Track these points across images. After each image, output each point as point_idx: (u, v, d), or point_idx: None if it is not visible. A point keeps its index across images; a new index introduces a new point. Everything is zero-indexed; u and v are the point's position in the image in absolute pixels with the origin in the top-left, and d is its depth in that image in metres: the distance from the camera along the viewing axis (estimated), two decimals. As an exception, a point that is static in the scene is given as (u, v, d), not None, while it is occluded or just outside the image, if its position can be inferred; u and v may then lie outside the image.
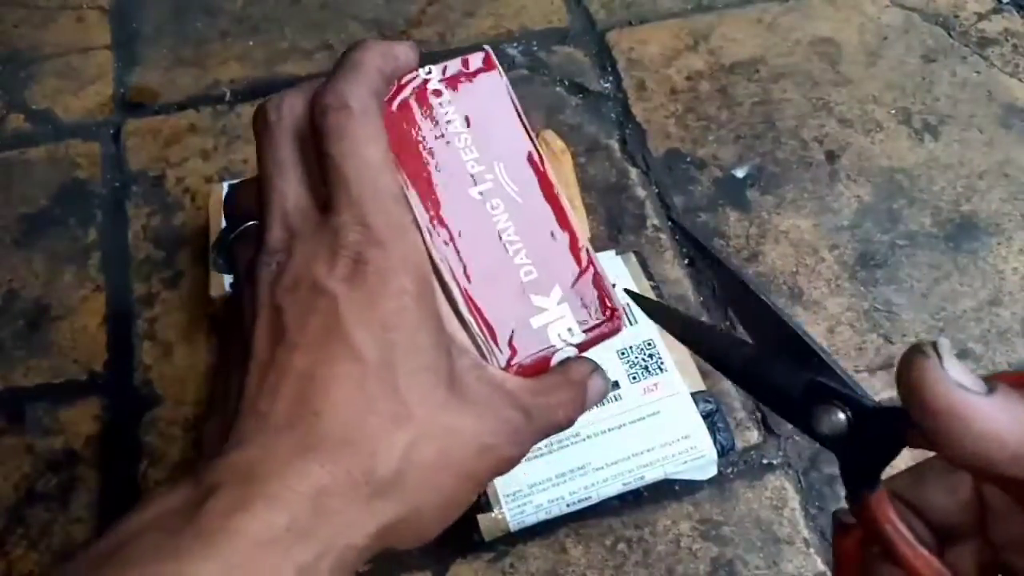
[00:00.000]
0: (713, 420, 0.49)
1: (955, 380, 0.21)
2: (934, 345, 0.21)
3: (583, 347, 0.30)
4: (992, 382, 0.21)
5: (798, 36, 0.72)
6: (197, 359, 0.56)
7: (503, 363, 0.28)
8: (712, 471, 0.50)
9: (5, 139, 0.66)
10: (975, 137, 0.67)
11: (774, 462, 0.52)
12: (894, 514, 0.24)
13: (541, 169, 0.30)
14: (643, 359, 0.51)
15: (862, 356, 0.56)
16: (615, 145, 0.66)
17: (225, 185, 0.58)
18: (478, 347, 0.28)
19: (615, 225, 0.61)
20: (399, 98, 0.30)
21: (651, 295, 0.54)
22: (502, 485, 0.47)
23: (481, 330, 0.28)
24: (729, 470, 0.51)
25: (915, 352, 0.21)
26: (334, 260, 0.25)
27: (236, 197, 0.30)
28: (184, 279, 0.59)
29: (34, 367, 0.56)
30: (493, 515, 0.46)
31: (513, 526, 0.47)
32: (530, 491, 0.47)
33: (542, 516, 0.47)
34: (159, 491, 0.24)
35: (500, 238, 0.29)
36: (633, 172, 0.64)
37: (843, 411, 0.24)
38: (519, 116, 0.30)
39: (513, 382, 0.28)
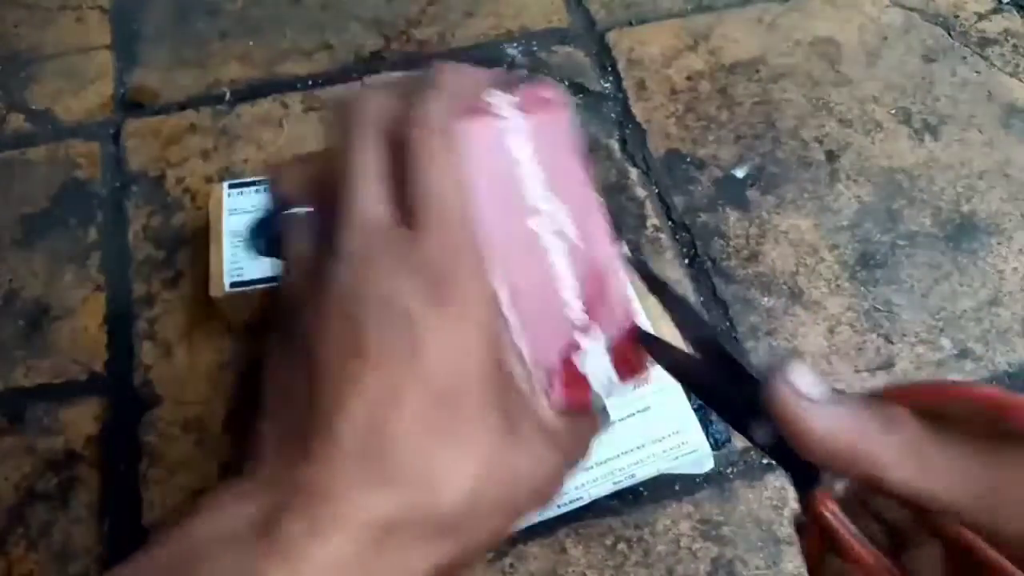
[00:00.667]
0: (705, 413, 0.49)
1: (801, 391, 0.24)
2: (791, 362, 0.24)
3: (616, 394, 0.30)
4: (844, 396, 0.24)
5: (798, 36, 0.72)
6: (197, 359, 0.56)
7: (546, 402, 0.28)
8: (708, 465, 0.49)
9: (5, 139, 0.67)
10: (975, 137, 0.67)
11: (774, 462, 0.52)
12: (835, 507, 0.25)
13: (600, 215, 0.30)
14: None
15: (862, 356, 0.56)
16: (615, 145, 0.66)
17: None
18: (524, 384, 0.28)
19: (615, 225, 0.61)
20: (469, 120, 0.28)
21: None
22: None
23: (528, 367, 0.27)
24: (729, 470, 0.51)
25: (773, 368, 0.25)
26: (417, 280, 0.24)
27: (282, 179, 0.29)
28: (184, 279, 0.59)
29: (34, 367, 0.56)
30: None
31: None
32: None
33: (534, 519, 0.47)
34: (226, 494, 0.23)
35: (554, 276, 0.28)
36: (633, 172, 0.64)
37: (771, 422, 0.26)
38: (579, 156, 0.30)
39: (553, 423, 0.27)
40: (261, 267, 0.54)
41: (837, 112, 0.68)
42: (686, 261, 0.60)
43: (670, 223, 0.62)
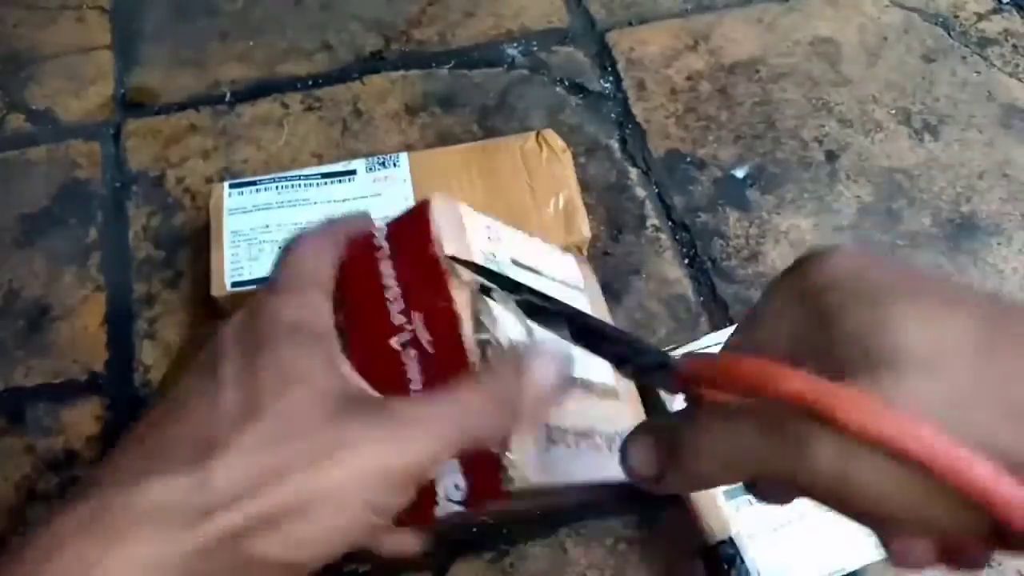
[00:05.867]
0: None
1: (643, 476, 0.27)
2: (624, 453, 0.28)
3: (469, 505, 0.30)
4: (665, 444, 0.27)
5: (798, 36, 0.72)
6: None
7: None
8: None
9: (5, 139, 0.67)
10: (975, 137, 0.67)
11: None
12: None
13: (455, 324, 0.30)
14: None
15: (862, 356, 0.56)
16: (615, 145, 0.66)
17: (228, 189, 0.58)
18: None
19: (615, 225, 0.61)
20: (354, 255, 0.32)
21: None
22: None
23: None
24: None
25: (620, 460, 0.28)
26: (241, 312, 0.30)
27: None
28: (184, 279, 0.59)
29: (34, 367, 0.56)
30: None
31: None
32: None
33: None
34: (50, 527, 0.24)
35: (408, 388, 0.30)
36: (633, 172, 0.64)
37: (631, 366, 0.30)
38: (442, 262, 0.31)
39: (414, 403, 0.29)
40: (262, 267, 0.54)
41: (837, 112, 0.68)
42: (686, 261, 0.60)
43: (670, 223, 0.62)
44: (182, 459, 0.24)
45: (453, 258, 0.31)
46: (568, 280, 0.44)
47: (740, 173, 0.64)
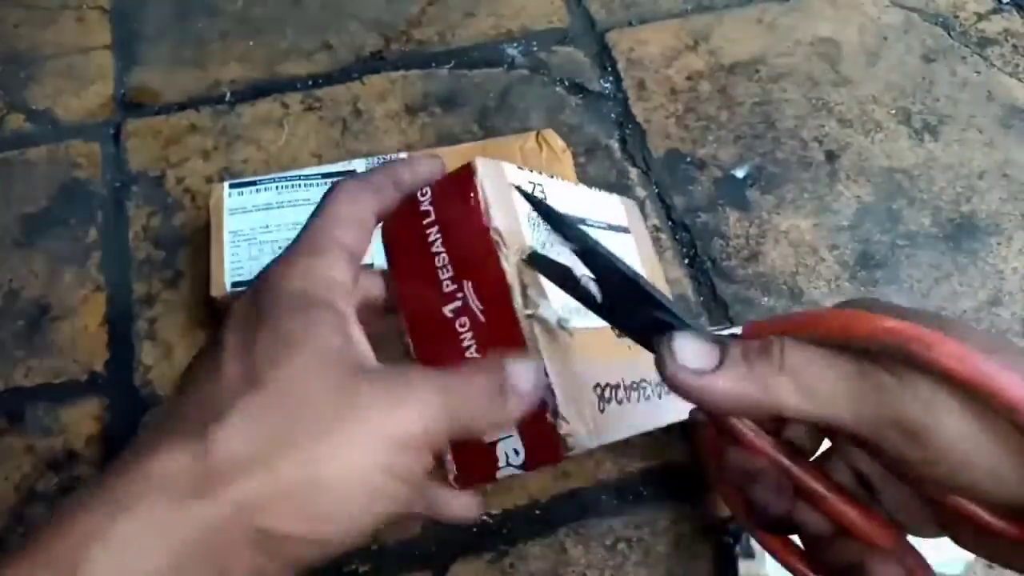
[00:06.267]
0: None
1: (690, 367, 0.26)
2: (669, 342, 0.26)
3: (528, 468, 0.31)
4: (727, 349, 0.26)
5: (798, 36, 0.72)
6: (197, 359, 0.56)
7: (453, 472, 0.31)
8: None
9: (5, 139, 0.66)
10: (975, 137, 0.67)
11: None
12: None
13: (506, 295, 0.30)
14: None
15: (862, 356, 0.56)
16: (615, 145, 0.66)
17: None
18: None
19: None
20: (401, 219, 0.32)
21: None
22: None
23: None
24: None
25: (657, 353, 0.27)
26: (258, 281, 0.29)
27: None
28: (184, 279, 0.59)
29: (34, 367, 0.56)
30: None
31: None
32: None
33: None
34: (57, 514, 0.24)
35: (464, 356, 0.31)
36: (633, 172, 0.64)
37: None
38: (492, 234, 0.31)
39: (419, 370, 0.29)
40: (263, 267, 0.54)
41: (837, 112, 0.68)
42: (686, 261, 0.60)
43: (670, 223, 0.62)
44: (185, 430, 0.24)
45: (521, 191, 0.32)
46: (614, 223, 0.44)
47: (740, 173, 0.64)
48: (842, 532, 0.28)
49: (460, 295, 0.30)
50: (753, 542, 0.46)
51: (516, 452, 0.30)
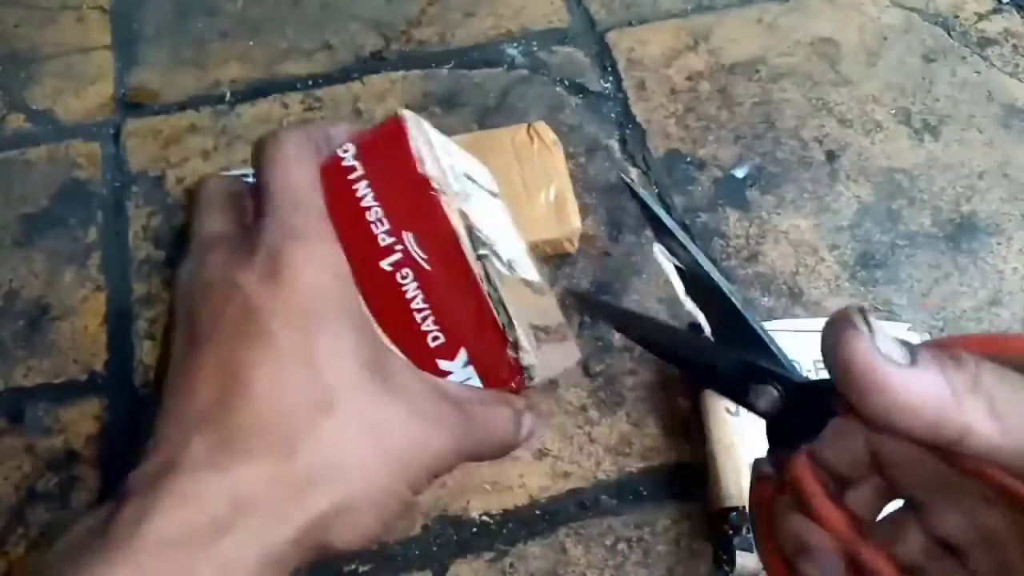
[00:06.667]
0: None
1: (883, 353, 0.22)
2: (864, 316, 0.22)
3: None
4: (917, 350, 0.22)
5: (798, 36, 0.72)
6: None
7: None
8: None
9: (5, 139, 0.66)
10: (975, 137, 0.67)
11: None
12: (812, 474, 0.26)
13: (454, 240, 0.30)
14: None
15: (862, 356, 0.56)
16: (615, 145, 0.66)
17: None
18: None
19: (615, 225, 0.61)
20: (326, 177, 0.31)
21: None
22: None
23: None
24: (729, 470, 0.51)
25: (845, 324, 0.22)
26: (250, 258, 0.25)
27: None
28: (184, 279, 0.59)
29: (34, 367, 0.56)
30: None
31: None
32: None
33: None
34: (79, 516, 0.23)
35: (409, 307, 0.30)
36: (633, 172, 0.64)
37: (775, 388, 0.27)
38: (432, 182, 0.31)
39: (453, 386, 0.28)
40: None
41: (837, 112, 0.68)
42: (686, 261, 0.60)
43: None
44: (263, 448, 0.24)
45: (632, 190, 0.31)
46: (493, 189, 0.45)
47: (740, 173, 0.64)
48: None
49: (399, 247, 0.30)
50: (752, 536, 0.46)
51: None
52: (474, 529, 0.49)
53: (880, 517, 0.26)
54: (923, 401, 0.21)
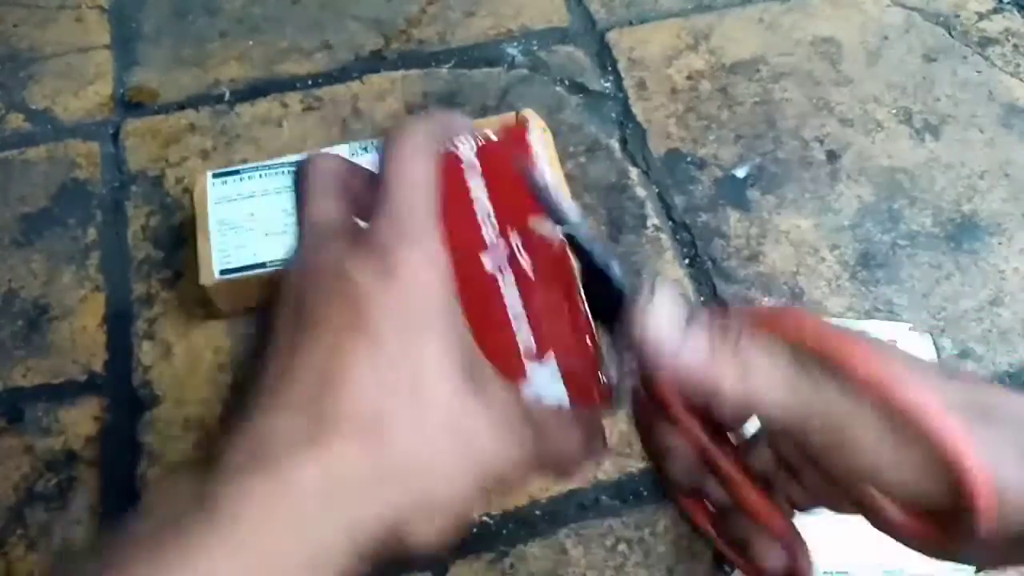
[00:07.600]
0: None
1: (663, 319, 0.27)
2: (649, 296, 0.28)
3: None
4: (694, 316, 0.28)
5: (798, 36, 0.72)
6: (197, 359, 0.56)
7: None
8: None
9: (5, 139, 0.66)
10: (976, 137, 0.66)
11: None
12: (669, 388, 0.29)
13: (559, 246, 0.30)
14: None
15: (863, 356, 0.56)
16: (615, 145, 0.66)
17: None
18: None
19: (615, 225, 0.61)
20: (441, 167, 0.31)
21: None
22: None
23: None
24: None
25: (635, 301, 0.28)
26: (365, 253, 0.26)
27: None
28: (184, 279, 0.59)
29: (34, 367, 0.55)
30: None
31: None
32: None
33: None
34: (169, 480, 0.24)
35: (505, 308, 0.30)
36: (633, 172, 0.64)
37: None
38: (541, 188, 0.31)
39: (533, 402, 0.29)
40: (250, 254, 0.54)
41: (838, 112, 0.68)
42: (686, 261, 0.60)
43: (670, 223, 0.62)
44: (358, 430, 0.24)
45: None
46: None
47: (741, 173, 0.64)
48: (742, 510, 0.31)
49: (505, 249, 0.30)
50: None
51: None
52: (474, 529, 0.49)
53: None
54: (687, 361, 0.27)
